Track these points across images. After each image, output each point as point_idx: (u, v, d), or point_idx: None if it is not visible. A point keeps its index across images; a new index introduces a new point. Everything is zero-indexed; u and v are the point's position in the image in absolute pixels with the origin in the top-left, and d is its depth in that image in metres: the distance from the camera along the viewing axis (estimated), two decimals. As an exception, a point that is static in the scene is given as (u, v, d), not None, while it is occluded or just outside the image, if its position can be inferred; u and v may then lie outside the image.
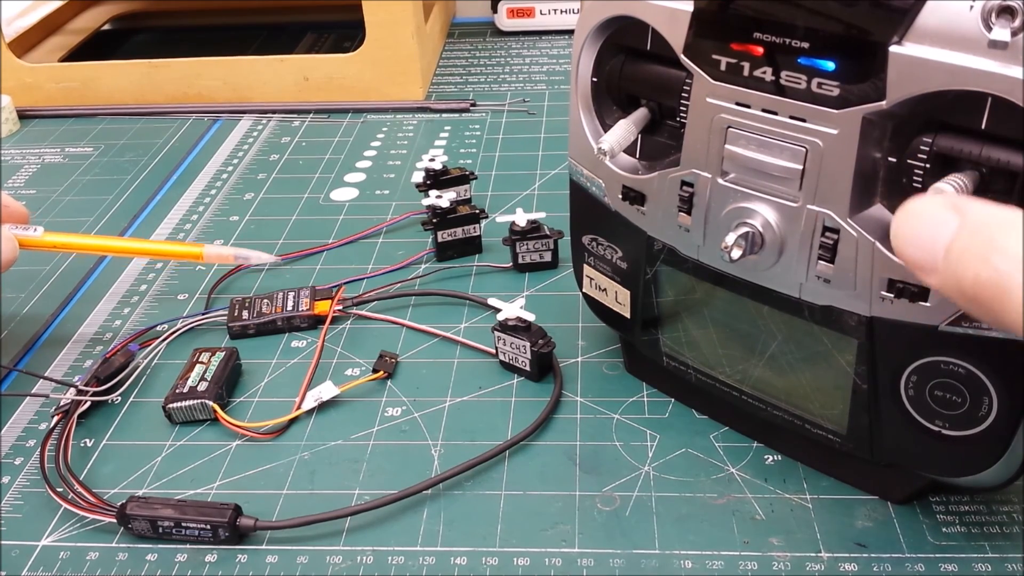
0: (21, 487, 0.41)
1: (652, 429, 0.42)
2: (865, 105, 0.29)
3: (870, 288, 0.32)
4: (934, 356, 0.32)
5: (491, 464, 0.41)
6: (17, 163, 0.71)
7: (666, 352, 0.41)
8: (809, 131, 0.31)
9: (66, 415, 0.44)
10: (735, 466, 0.40)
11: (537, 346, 0.44)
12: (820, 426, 0.37)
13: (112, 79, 0.79)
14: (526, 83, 0.81)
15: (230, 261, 0.49)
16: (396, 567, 0.36)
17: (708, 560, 0.36)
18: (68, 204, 0.65)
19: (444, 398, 0.45)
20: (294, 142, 0.72)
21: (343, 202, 0.63)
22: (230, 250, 0.49)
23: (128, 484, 0.41)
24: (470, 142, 0.70)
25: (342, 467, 0.41)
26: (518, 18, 0.91)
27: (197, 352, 0.46)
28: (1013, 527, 0.36)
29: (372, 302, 0.52)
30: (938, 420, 0.33)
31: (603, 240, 0.41)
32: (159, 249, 0.50)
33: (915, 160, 0.30)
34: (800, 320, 0.35)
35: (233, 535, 0.37)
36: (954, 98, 0.28)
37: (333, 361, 0.48)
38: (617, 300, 0.42)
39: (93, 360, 0.48)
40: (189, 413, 0.44)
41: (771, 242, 0.34)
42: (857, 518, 0.37)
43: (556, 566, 0.36)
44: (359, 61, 0.76)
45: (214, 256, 0.48)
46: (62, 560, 0.38)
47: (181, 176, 0.68)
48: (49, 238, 0.49)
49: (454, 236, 0.55)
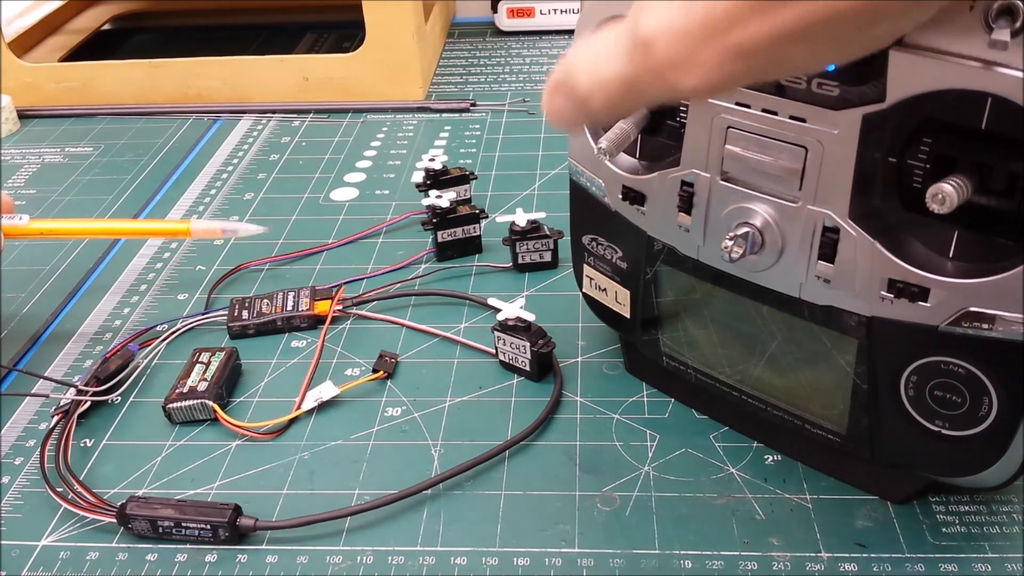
0: (21, 487, 0.41)
1: (652, 429, 0.42)
2: (865, 105, 0.29)
3: (870, 288, 0.32)
4: (934, 356, 0.32)
5: (491, 464, 0.41)
6: (17, 163, 0.71)
7: (666, 352, 0.41)
8: (809, 131, 0.31)
9: (66, 415, 0.44)
10: (735, 466, 0.40)
11: (537, 346, 0.44)
12: (820, 426, 0.37)
13: (112, 79, 0.79)
14: (526, 83, 0.81)
15: (218, 235, 0.49)
16: (396, 567, 0.36)
17: (708, 560, 0.36)
18: (68, 204, 0.65)
19: (444, 398, 0.45)
20: (294, 142, 0.72)
21: (343, 202, 0.63)
22: (217, 224, 0.48)
23: (128, 484, 0.41)
24: (470, 142, 0.70)
25: (342, 467, 0.41)
26: (518, 18, 0.91)
27: (197, 352, 0.46)
28: (1013, 527, 0.36)
29: (372, 302, 0.52)
30: (938, 420, 0.33)
31: (603, 240, 0.41)
32: (146, 228, 0.50)
33: (915, 160, 0.30)
34: (800, 320, 0.35)
35: (233, 535, 0.37)
36: (954, 98, 0.28)
37: (333, 361, 0.48)
38: (617, 300, 0.42)
39: (93, 360, 0.48)
40: (189, 413, 0.44)
41: (771, 242, 0.34)
42: (857, 518, 0.37)
43: (556, 566, 0.36)
44: (359, 61, 0.76)
45: (201, 231, 0.48)
46: (62, 560, 0.38)
47: (181, 176, 0.68)
48: (35, 225, 0.49)
49: (454, 236, 0.55)
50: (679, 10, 0.23)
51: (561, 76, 0.28)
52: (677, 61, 0.24)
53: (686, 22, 0.23)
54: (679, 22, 0.23)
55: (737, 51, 0.23)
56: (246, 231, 0.48)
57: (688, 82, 0.24)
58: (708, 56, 0.23)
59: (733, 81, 0.24)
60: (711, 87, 0.24)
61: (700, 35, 0.23)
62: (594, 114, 0.28)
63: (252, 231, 0.49)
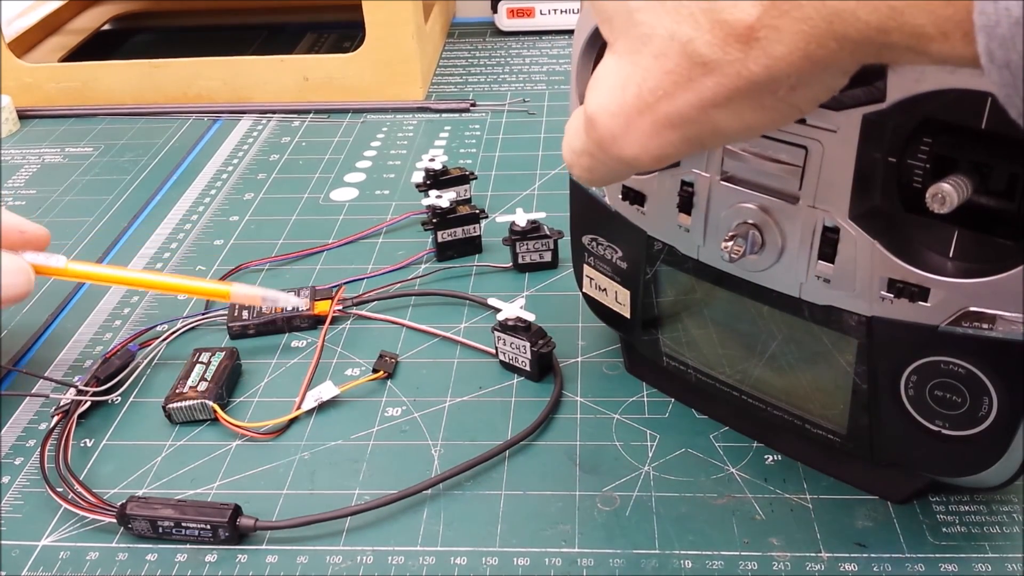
0: (21, 487, 0.41)
1: (652, 429, 0.42)
2: (865, 105, 0.29)
3: (870, 288, 0.32)
4: (934, 356, 0.32)
5: (491, 464, 0.41)
6: (17, 163, 0.71)
7: (666, 352, 0.41)
8: (809, 131, 0.31)
9: (66, 415, 0.44)
10: (735, 466, 0.40)
11: (537, 346, 0.44)
12: (820, 426, 0.37)
13: (112, 79, 0.79)
14: (526, 83, 0.81)
15: (257, 303, 0.47)
16: (396, 567, 0.36)
17: (708, 560, 0.36)
18: (68, 204, 0.65)
19: (444, 398, 0.45)
20: (294, 142, 0.72)
21: (343, 202, 0.63)
22: (258, 291, 0.46)
23: (128, 484, 0.41)
24: (470, 142, 0.70)
25: (342, 467, 0.41)
26: (518, 18, 0.91)
27: (197, 352, 0.46)
28: (1013, 527, 0.36)
29: (372, 302, 0.52)
30: (938, 420, 0.33)
31: (603, 240, 0.41)
32: (186, 286, 0.46)
33: (915, 160, 0.30)
34: (800, 320, 0.35)
35: (233, 535, 0.37)
36: (954, 98, 0.28)
37: (333, 361, 0.48)
38: (617, 300, 0.42)
39: (93, 360, 0.48)
40: (189, 413, 0.44)
41: (771, 242, 0.34)
42: (857, 518, 0.37)
43: (556, 566, 0.36)
44: (359, 61, 0.76)
45: (241, 296, 0.46)
46: (62, 560, 0.38)
47: (181, 176, 0.68)
48: (72, 267, 0.44)
49: (454, 236, 0.55)
50: (616, 89, 0.26)
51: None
52: (616, 134, 0.26)
53: (622, 98, 0.26)
54: (616, 99, 0.26)
55: (667, 121, 0.25)
56: (286, 301, 0.47)
57: (628, 152, 0.26)
58: (643, 127, 0.26)
59: (673, 149, 0.26)
60: (652, 156, 0.26)
61: (634, 109, 0.26)
62: (582, 180, 0.30)
63: (292, 303, 0.48)
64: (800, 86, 0.23)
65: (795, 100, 0.24)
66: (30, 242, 0.45)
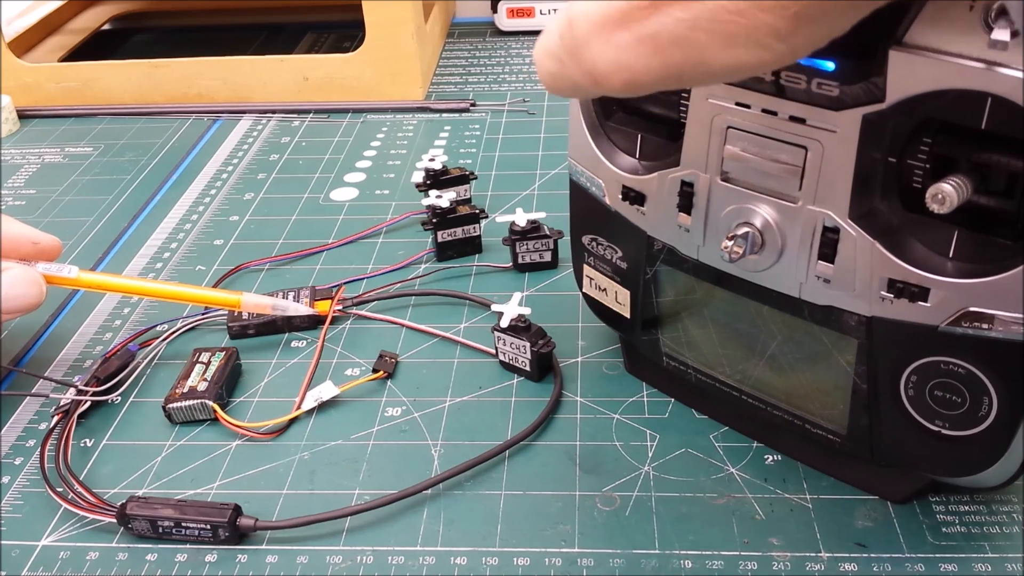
0: (21, 487, 0.41)
1: (652, 429, 0.42)
2: (865, 105, 0.29)
3: (870, 288, 0.32)
4: (934, 356, 0.32)
5: (491, 464, 0.41)
6: (17, 163, 0.71)
7: (666, 352, 0.41)
8: (809, 131, 0.31)
9: (66, 415, 0.44)
10: (735, 466, 0.40)
11: (537, 346, 0.44)
12: (820, 426, 0.37)
13: (112, 79, 0.79)
14: (526, 83, 0.81)
15: (267, 311, 0.48)
16: (396, 567, 0.36)
17: (708, 560, 0.36)
18: (68, 204, 0.65)
19: (444, 398, 0.45)
20: (294, 142, 0.72)
21: (343, 202, 0.63)
22: (268, 300, 0.47)
23: (128, 484, 0.41)
24: (470, 142, 0.70)
25: (342, 467, 0.41)
26: (518, 18, 0.91)
27: (197, 352, 0.46)
28: (1013, 527, 0.36)
29: (372, 302, 0.52)
30: (938, 420, 0.33)
31: (603, 240, 0.41)
32: (198, 295, 0.48)
33: (915, 160, 0.30)
34: (800, 320, 0.35)
35: (233, 535, 0.37)
36: (954, 98, 0.28)
37: (333, 361, 0.48)
38: (617, 300, 0.42)
39: (93, 360, 0.48)
40: (189, 413, 0.44)
41: (771, 242, 0.34)
42: (857, 518, 0.37)
43: (556, 566, 0.36)
44: (359, 61, 0.76)
45: (251, 305, 0.48)
46: (62, 560, 0.38)
47: (181, 176, 0.68)
48: (84, 277, 0.45)
49: (454, 236, 0.55)
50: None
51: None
52: (592, 43, 0.24)
53: (608, 6, 0.24)
54: (603, 6, 0.24)
55: (652, 40, 0.23)
56: (295, 311, 0.48)
57: (601, 65, 0.24)
58: (622, 41, 0.24)
59: (647, 76, 0.24)
60: (622, 79, 0.24)
61: (618, 19, 0.24)
62: (544, 84, 0.28)
63: (301, 312, 0.49)
64: (804, 23, 0.22)
65: (795, 42, 0.23)
66: (43, 252, 0.46)
